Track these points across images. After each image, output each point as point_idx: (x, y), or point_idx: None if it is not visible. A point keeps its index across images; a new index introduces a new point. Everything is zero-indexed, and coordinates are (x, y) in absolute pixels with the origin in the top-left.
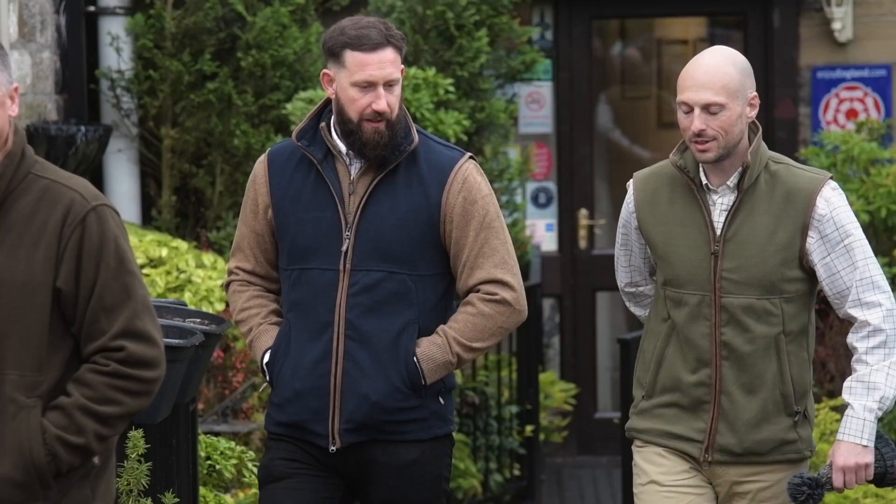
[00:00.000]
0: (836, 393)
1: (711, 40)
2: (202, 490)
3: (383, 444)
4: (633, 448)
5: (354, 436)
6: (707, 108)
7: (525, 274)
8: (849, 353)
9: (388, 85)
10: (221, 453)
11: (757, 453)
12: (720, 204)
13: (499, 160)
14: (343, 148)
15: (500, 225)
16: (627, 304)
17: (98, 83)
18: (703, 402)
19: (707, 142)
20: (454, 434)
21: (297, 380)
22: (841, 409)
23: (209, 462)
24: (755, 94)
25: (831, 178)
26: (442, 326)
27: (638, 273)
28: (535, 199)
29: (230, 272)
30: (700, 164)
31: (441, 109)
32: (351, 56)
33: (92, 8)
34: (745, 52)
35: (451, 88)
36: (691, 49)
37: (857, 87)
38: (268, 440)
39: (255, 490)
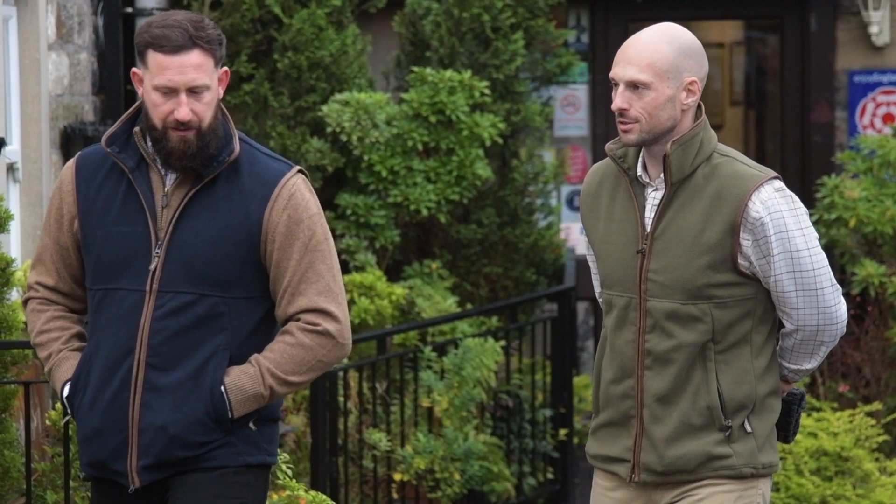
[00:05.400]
0: (871, 399)
1: (748, 44)
2: None
3: (187, 474)
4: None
5: (153, 473)
6: (632, 86)
7: (560, 277)
8: (884, 357)
9: (193, 92)
10: None
11: (682, 470)
12: (653, 198)
13: (534, 163)
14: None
15: (327, 248)
16: None
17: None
18: (630, 416)
19: (629, 123)
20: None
21: (94, 416)
22: (877, 414)
23: None
24: (695, 78)
25: (776, 177)
26: (256, 356)
27: None
28: (569, 203)
29: (30, 287)
30: (640, 154)
31: (476, 112)
32: (153, 57)
33: (129, 9)
34: (782, 56)
35: (487, 91)
36: (728, 53)
37: (894, 92)
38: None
39: (288, 492)
